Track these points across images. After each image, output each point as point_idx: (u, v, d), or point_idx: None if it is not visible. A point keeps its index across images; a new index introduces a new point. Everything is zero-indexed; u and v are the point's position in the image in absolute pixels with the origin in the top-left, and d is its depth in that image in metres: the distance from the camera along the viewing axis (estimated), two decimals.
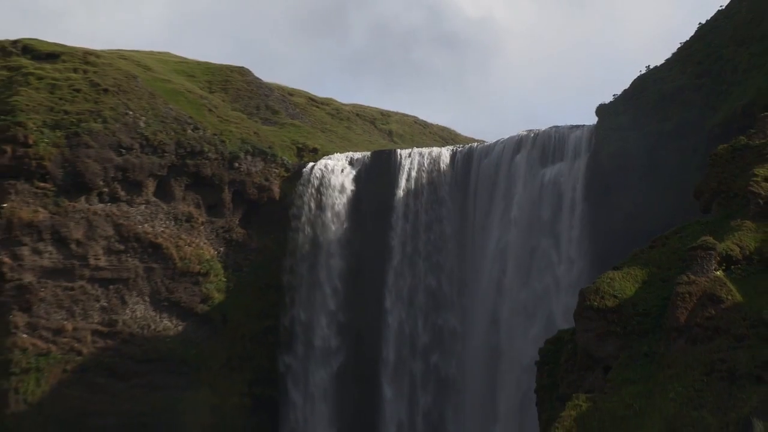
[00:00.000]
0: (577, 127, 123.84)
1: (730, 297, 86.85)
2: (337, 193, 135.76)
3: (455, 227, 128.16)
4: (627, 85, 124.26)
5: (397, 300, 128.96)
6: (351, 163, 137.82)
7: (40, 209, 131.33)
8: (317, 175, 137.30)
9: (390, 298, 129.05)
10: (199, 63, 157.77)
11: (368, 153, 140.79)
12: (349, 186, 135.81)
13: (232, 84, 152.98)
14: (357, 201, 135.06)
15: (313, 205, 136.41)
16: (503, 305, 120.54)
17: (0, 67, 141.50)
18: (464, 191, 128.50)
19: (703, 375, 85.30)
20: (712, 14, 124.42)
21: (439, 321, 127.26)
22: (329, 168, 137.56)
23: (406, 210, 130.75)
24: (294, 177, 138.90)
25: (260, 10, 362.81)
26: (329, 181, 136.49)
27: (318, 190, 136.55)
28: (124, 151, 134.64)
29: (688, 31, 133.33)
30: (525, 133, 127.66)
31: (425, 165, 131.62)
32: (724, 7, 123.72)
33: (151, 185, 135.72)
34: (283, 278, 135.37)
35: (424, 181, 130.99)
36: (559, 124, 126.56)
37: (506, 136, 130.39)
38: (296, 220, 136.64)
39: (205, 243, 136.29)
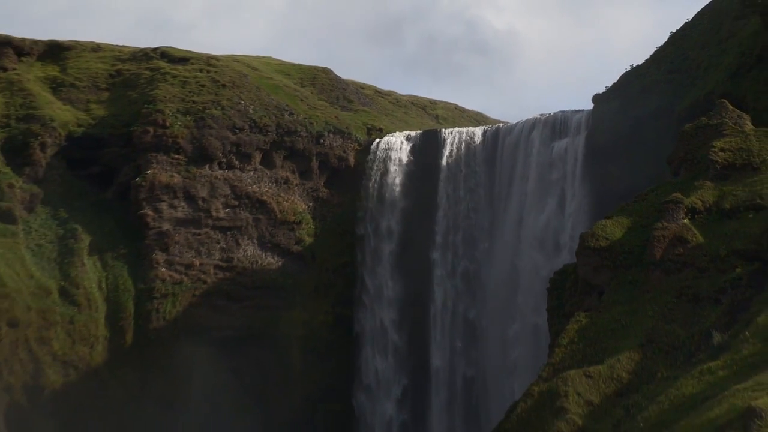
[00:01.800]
0: (578, 111, 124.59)
1: (694, 239, 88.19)
2: (396, 163, 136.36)
3: (486, 188, 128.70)
4: (616, 79, 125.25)
5: (442, 239, 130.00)
6: (407, 139, 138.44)
7: (175, 174, 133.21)
8: (382, 148, 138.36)
9: (437, 239, 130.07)
10: (293, 64, 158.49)
11: (420, 132, 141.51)
12: (406, 157, 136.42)
13: (318, 80, 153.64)
14: (411, 168, 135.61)
15: (378, 171, 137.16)
16: (523, 235, 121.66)
17: (144, 69, 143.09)
18: (492, 160, 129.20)
19: (674, 298, 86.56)
20: (681, 25, 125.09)
21: (475, 252, 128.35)
22: (391, 143, 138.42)
23: (448, 174, 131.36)
24: (365, 150, 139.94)
25: (339, 24, 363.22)
26: (391, 153, 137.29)
27: (382, 160, 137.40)
28: (237, 130, 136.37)
29: (662, 37, 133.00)
30: (538, 116, 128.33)
31: (463, 141, 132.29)
32: (690, 19, 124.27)
33: (257, 156, 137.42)
34: (357, 226, 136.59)
35: (462, 153, 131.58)
36: (564, 109, 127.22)
37: (524, 119, 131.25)
38: (366, 182, 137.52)
39: (298, 200, 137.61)
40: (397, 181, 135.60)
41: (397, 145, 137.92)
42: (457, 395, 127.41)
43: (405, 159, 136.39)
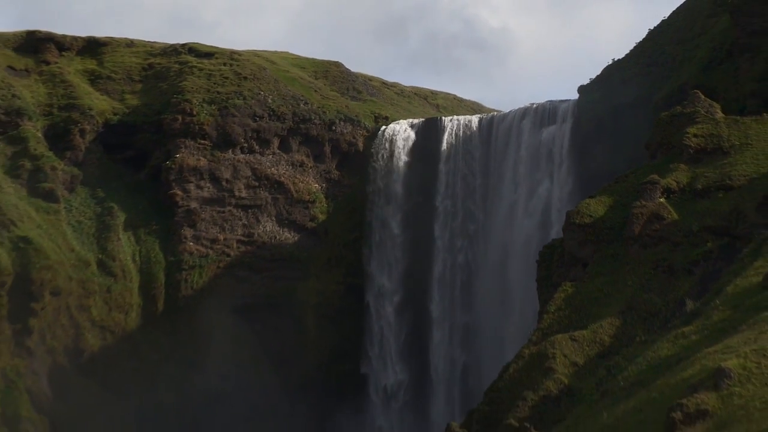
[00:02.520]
0: (565, 101, 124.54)
1: (669, 216, 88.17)
2: (401, 147, 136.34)
3: (482, 170, 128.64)
4: (599, 72, 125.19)
5: (443, 215, 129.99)
6: (411, 126, 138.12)
7: (201, 158, 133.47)
8: (388, 134, 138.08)
9: (438, 215, 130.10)
10: (307, 59, 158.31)
11: (422, 120, 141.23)
12: (409, 142, 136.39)
13: (330, 73, 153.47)
14: (414, 152, 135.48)
15: (385, 155, 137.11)
16: (515, 213, 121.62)
17: (173, 63, 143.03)
18: (487, 145, 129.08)
19: (651, 269, 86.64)
20: (658, 22, 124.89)
21: (472, 227, 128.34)
22: (396, 130, 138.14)
23: (447, 158, 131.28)
24: (372, 136, 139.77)
25: (349, 21, 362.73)
26: (396, 139, 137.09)
27: (388, 145, 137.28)
28: (257, 118, 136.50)
29: (641, 34, 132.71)
30: (529, 105, 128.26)
31: (461, 128, 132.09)
32: (666, 17, 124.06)
33: (276, 142, 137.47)
34: (366, 204, 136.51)
35: (460, 139, 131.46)
36: (552, 99, 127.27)
37: (516, 108, 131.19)
38: (374, 165, 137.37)
39: (312, 181, 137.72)
40: (402, 163, 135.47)
41: (402, 131, 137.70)
42: (454, 336, 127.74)
43: (409, 144, 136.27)
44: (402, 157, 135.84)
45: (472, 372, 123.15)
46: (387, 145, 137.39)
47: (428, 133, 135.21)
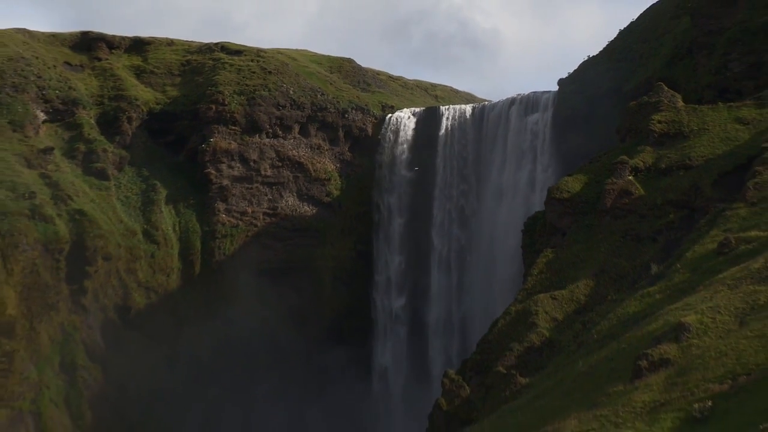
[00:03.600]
0: (546, 92, 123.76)
1: (637, 191, 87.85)
2: (405, 132, 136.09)
3: (474, 152, 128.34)
4: (576, 67, 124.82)
5: (440, 191, 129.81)
6: (413, 114, 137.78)
7: (232, 142, 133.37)
8: (393, 121, 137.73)
9: (436, 191, 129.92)
10: (323, 56, 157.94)
11: (423, 108, 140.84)
12: (412, 128, 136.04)
13: (343, 68, 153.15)
14: (416, 137, 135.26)
15: (391, 139, 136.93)
16: (503, 189, 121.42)
17: (207, 59, 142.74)
18: (479, 130, 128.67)
19: (620, 238, 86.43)
20: (627, 24, 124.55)
21: (466, 199, 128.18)
22: (400, 117, 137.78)
23: (445, 142, 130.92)
24: (380, 123, 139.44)
25: (359, 23, 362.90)
26: (400, 125, 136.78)
27: (394, 131, 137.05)
28: (280, 107, 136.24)
29: (612, 34, 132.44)
30: (515, 96, 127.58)
31: (456, 115, 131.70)
32: (634, 19, 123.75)
33: (296, 128, 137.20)
34: (374, 181, 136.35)
35: (456, 125, 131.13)
36: (536, 90, 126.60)
37: (504, 98, 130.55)
38: (381, 148, 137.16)
39: (328, 161, 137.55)
40: (405, 147, 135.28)
41: (405, 118, 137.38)
42: (450, 292, 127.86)
43: (411, 130, 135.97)
44: (406, 141, 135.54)
45: (465, 324, 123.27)
46: (392, 130, 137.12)
47: (428, 120, 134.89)
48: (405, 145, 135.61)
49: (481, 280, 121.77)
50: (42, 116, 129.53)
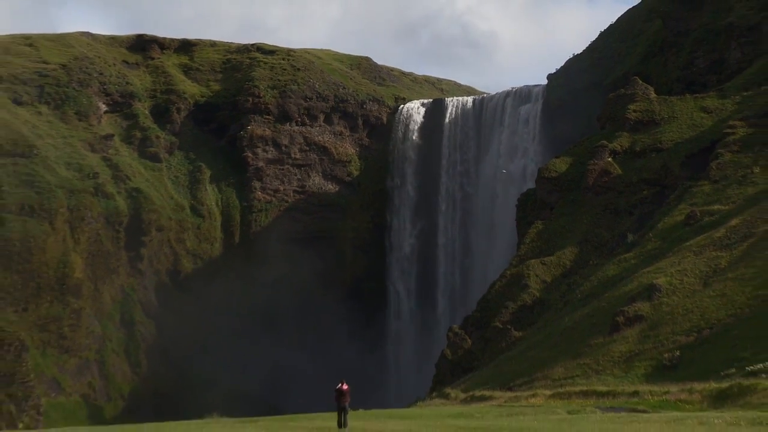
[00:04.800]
0: (537, 85, 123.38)
1: (615, 171, 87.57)
2: (415, 121, 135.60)
3: (475, 138, 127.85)
4: (563, 63, 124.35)
5: (445, 172, 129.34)
6: (422, 105, 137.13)
7: (266, 129, 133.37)
8: (405, 111, 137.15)
9: (442, 171, 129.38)
10: (344, 54, 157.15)
11: (430, 100, 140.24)
12: (421, 117, 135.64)
13: (362, 65, 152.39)
14: (424, 125, 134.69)
15: (403, 127, 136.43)
16: (500, 168, 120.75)
17: (245, 58, 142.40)
18: (479, 118, 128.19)
19: (601, 211, 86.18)
20: (607, 26, 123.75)
21: (469, 179, 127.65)
22: (411, 108, 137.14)
23: (449, 129, 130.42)
24: (393, 112, 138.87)
25: (375, 26, 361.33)
26: (411, 114, 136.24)
27: (405, 119, 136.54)
28: (308, 99, 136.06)
29: (594, 35, 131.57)
30: (510, 89, 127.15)
31: (459, 106, 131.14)
32: (613, 22, 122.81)
33: (321, 117, 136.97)
34: (388, 163, 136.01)
35: (459, 114, 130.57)
36: (528, 84, 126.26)
37: (501, 90, 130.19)
38: (394, 134, 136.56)
39: (348, 146, 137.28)
40: (415, 134, 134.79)
41: (415, 109, 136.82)
42: (454, 259, 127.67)
43: (420, 119, 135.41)
44: (415, 128, 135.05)
45: (467, 286, 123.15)
46: (404, 119, 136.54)
47: (435, 110, 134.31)
48: (415, 132, 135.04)
49: (481, 247, 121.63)
50: (103, 107, 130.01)
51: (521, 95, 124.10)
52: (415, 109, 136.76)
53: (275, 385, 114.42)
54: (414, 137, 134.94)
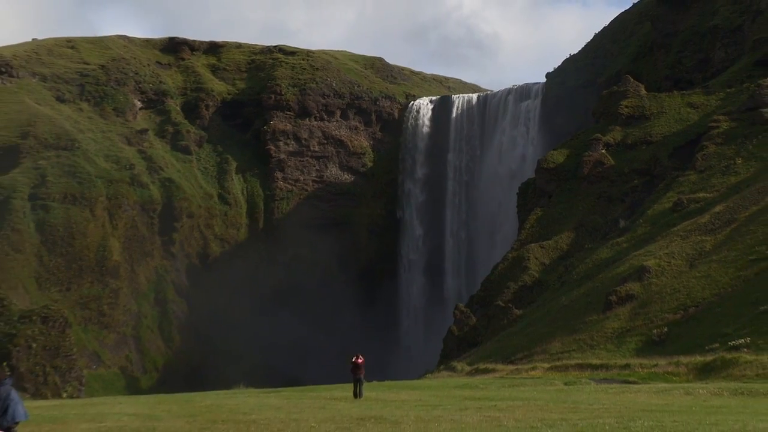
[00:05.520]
0: (536, 83, 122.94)
1: (608, 162, 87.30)
2: (424, 116, 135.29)
3: (479, 131, 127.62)
4: (560, 63, 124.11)
5: (452, 164, 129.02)
6: (430, 101, 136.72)
7: (288, 124, 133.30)
8: (415, 107, 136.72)
9: (448, 162, 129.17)
10: (359, 55, 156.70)
11: (438, 97, 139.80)
12: (429, 112, 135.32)
13: (375, 65, 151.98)
14: (433, 119, 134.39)
15: (413, 122, 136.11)
16: (502, 159, 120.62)
17: (268, 59, 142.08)
18: (483, 114, 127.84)
19: (595, 199, 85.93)
20: (601, 28, 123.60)
21: (473, 170, 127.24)
22: (420, 104, 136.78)
23: (456, 124, 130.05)
24: (404, 108, 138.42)
25: (388, 29, 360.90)
26: (420, 110, 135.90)
27: (415, 115, 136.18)
28: (326, 96, 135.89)
29: (589, 36, 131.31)
30: (512, 86, 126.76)
31: (465, 102, 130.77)
32: (607, 25, 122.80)
33: (338, 113, 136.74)
34: (399, 155, 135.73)
35: (464, 110, 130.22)
36: (528, 82, 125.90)
37: (503, 88, 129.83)
38: (405, 128, 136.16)
39: (363, 139, 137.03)
40: (425, 129, 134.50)
41: (424, 105, 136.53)
42: (460, 244, 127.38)
43: (429, 114, 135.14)
44: (424, 123, 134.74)
45: (472, 268, 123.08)
46: (414, 114, 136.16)
47: (442, 106, 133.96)
48: (424, 127, 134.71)
49: (485, 232, 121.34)
50: (139, 104, 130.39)
51: (522, 92, 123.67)
52: (424, 105, 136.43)
53: (295, 359, 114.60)
54: (423, 131, 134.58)
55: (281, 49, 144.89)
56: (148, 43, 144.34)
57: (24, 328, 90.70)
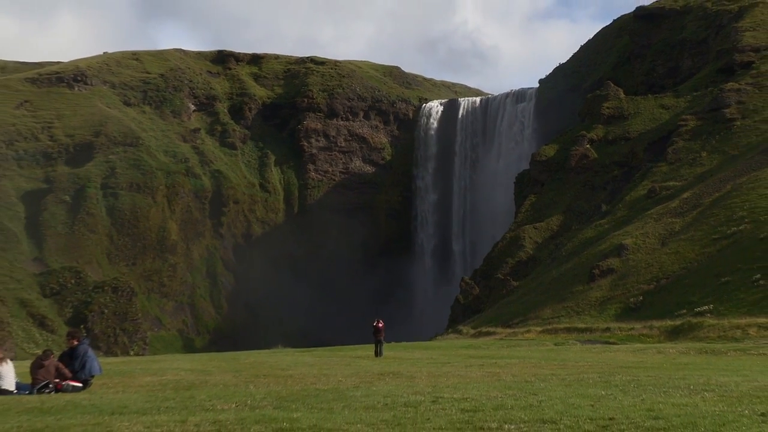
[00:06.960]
0: (531, 87, 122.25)
1: (592, 155, 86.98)
2: (434, 117, 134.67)
3: (481, 130, 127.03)
4: (551, 70, 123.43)
5: (459, 159, 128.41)
6: (440, 104, 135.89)
7: (318, 123, 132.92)
8: (426, 109, 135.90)
9: (455, 158, 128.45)
10: (379, 64, 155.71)
11: (447, 100, 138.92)
12: (439, 113, 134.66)
13: (393, 73, 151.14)
14: (442, 120, 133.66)
15: (425, 122, 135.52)
16: (502, 153, 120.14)
17: (301, 68, 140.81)
18: (485, 115, 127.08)
19: (581, 187, 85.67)
20: (586, 41, 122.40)
21: (477, 163, 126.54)
22: (431, 106, 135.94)
23: (462, 123, 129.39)
24: (417, 110, 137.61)
25: (403, 42, 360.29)
26: (431, 112, 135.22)
27: (427, 116, 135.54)
28: (351, 99, 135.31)
29: (576, 47, 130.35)
30: (509, 91, 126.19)
31: (469, 104, 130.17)
32: (591, 38, 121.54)
33: (361, 114, 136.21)
34: (413, 150, 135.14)
35: (469, 111, 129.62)
36: (523, 87, 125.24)
37: (502, 92, 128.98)
38: (418, 128, 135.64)
39: (382, 136, 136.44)
40: (435, 127, 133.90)
41: (435, 107, 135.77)
42: (465, 228, 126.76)
43: (438, 115, 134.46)
44: (435, 123, 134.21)
45: (475, 246, 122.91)
46: (426, 115, 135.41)
47: (450, 108, 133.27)
48: (434, 125, 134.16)
49: (487, 216, 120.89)
50: (192, 107, 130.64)
51: (518, 96, 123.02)
52: (435, 107, 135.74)
53: (325, 324, 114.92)
54: (434, 129, 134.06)
55: (313, 60, 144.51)
56: (200, 55, 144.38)
57: (98, 296, 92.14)
